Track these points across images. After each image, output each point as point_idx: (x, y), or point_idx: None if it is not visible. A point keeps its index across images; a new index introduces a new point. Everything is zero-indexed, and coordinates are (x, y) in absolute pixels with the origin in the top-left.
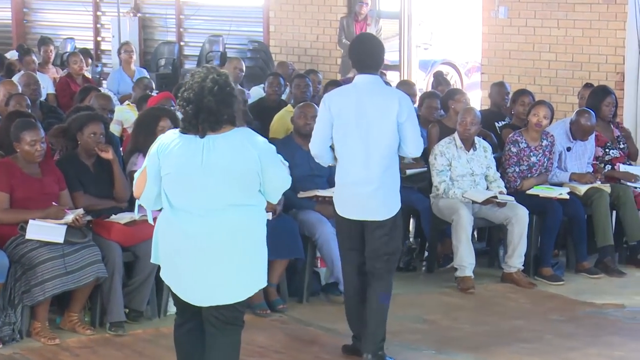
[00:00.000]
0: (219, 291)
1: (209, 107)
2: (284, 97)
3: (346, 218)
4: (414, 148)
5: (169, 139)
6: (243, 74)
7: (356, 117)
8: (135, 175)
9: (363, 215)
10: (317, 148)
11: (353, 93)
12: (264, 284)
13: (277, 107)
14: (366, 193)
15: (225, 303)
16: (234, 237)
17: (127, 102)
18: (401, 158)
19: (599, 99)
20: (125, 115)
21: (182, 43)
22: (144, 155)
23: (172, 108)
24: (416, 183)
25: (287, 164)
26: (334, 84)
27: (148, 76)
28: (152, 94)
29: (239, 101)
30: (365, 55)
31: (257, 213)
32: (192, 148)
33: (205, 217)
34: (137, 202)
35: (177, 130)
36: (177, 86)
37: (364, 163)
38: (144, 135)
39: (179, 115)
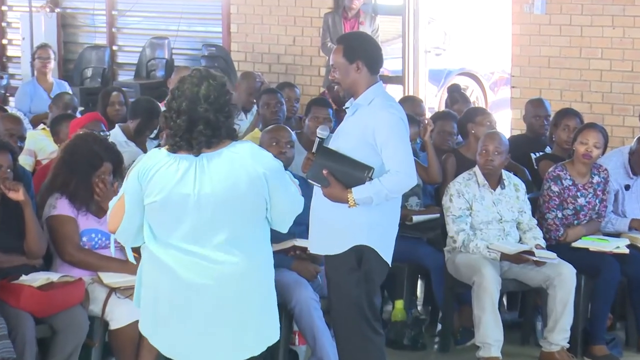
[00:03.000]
0: (220, 349)
1: (205, 117)
2: (249, 118)
3: (388, 266)
4: None
5: (152, 160)
6: None
7: None
8: (110, 204)
9: None
10: (415, 178)
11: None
12: (276, 337)
13: None
14: None
15: None
16: (238, 283)
17: (42, 125)
18: (404, 200)
19: None
20: (39, 144)
21: (114, 47)
22: (67, 198)
23: (102, 134)
24: (425, 233)
25: (297, 182)
26: (321, 102)
27: (70, 91)
28: (76, 114)
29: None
30: (380, 54)
31: (264, 249)
32: (183, 170)
33: (202, 257)
34: (112, 238)
35: (162, 149)
36: (103, 97)
37: None
38: (68, 171)
39: (168, 131)
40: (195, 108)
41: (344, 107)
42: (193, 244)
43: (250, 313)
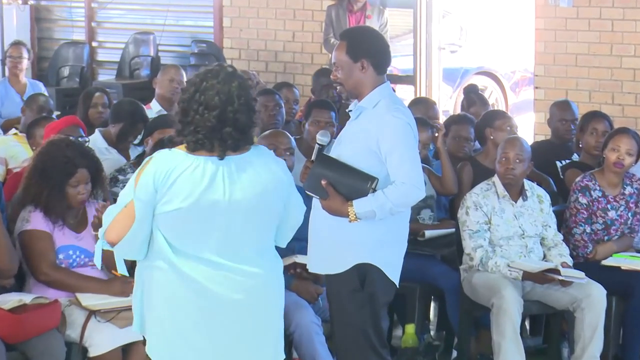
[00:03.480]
0: None
1: (235, 119)
2: None
3: (395, 287)
4: None
5: (171, 162)
6: None
7: None
8: (110, 212)
9: None
10: (423, 189)
11: None
12: (282, 355)
13: None
14: None
15: None
16: (265, 295)
17: (14, 130)
18: (415, 213)
19: None
20: (11, 151)
21: (94, 44)
22: (42, 210)
23: (81, 139)
24: (439, 250)
25: None
26: (323, 105)
27: (45, 92)
28: (53, 117)
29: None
30: (387, 52)
31: (280, 262)
32: (210, 174)
33: (232, 269)
34: (98, 247)
35: (176, 150)
36: (84, 98)
37: None
38: (40, 181)
39: (180, 126)
40: (227, 106)
41: (347, 110)
42: (222, 256)
43: (272, 327)
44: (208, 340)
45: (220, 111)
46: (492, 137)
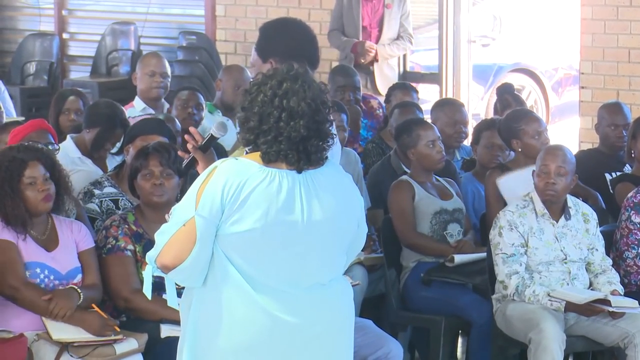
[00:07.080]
0: None
1: (320, 129)
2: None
3: None
4: None
5: (242, 173)
6: (169, 80)
7: None
8: (161, 232)
9: None
10: None
11: None
12: None
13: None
14: None
15: None
16: (343, 326)
17: None
18: (441, 228)
19: None
20: None
21: (65, 36)
22: (3, 219)
23: (50, 147)
24: (471, 278)
25: None
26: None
27: (6, 92)
28: (18, 120)
29: None
30: (310, 51)
31: (351, 290)
32: (286, 189)
33: (307, 298)
34: (147, 274)
35: (245, 159)
36: (57, 101)
37: None
38: None
39: (245, 134)
40: (314, 115)
41: None
42: (296, 286)
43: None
44: None
45: (308, 119)
46: (520, 150)
